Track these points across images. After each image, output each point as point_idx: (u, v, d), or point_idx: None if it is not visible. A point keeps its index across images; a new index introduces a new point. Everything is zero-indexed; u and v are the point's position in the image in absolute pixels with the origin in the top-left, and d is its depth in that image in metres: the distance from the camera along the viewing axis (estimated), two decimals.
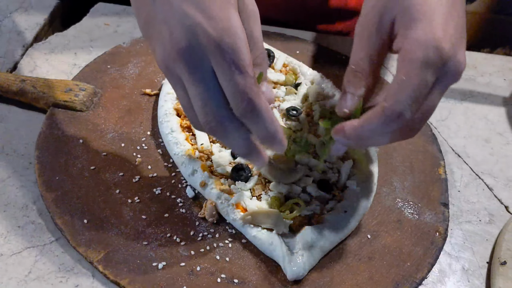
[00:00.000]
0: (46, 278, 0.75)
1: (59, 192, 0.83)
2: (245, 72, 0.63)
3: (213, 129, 0.67)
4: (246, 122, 0.67)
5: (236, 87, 0.63)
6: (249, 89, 0.63)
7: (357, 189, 0.87)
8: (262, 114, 0.65)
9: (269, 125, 0.67)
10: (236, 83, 0.63)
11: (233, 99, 0.64)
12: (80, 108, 0.97)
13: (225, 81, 0.63)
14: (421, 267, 0.80)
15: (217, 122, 0.66)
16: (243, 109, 0.64)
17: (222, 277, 0.76)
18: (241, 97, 0.64)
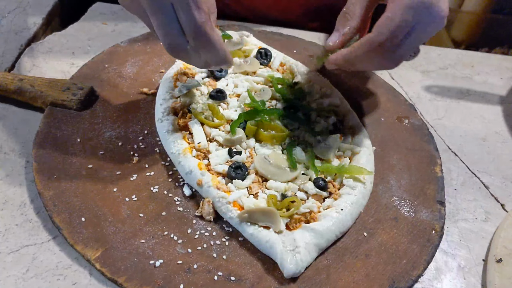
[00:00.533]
0: (44, 276, 0.75)
1: (57, 191, 0.83)
2: (201, 8, 0.74)
3: (174, 52, 0.78)
4: (202, 52, 0.78)
5: (193, 21, 0.74)
6: (204, 24, 0.74)
7: (354, 187, 0.87)
8: (216, 46, 0.78)
9: (220, 52, 0.79)
10: (193, 17, 0.73)
11: (190, 32, 0.75)
12: (77, 107, 0.97)
13: (184, 15, 0.73)
14: (417, 265, 0.80)
15: (178, 47, 0.77)
16: (200, 42, 0.76)
17: (219, 274, 0.76)
18: (196, 31, 0.75)
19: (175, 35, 0.76)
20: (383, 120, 1.05)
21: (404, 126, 1.05)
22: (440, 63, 1.27)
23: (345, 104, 1.03)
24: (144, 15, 0.78)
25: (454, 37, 2.32)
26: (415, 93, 1.17)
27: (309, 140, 0.94)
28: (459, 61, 1.29)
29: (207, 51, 0.79)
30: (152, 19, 0.76)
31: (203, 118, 0.94)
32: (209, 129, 0.93)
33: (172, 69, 1.05)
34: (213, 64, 0.83)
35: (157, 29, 0.76)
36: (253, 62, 1.07)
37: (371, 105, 1.08)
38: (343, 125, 0.99)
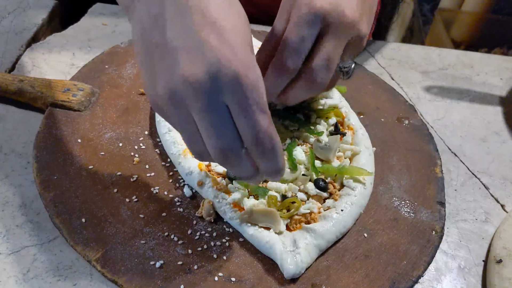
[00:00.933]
0: (44, 276, 0.75)
1: (57, 191, 0.84)
2: (266, 112, 0.62)
3: (226, 160, 0.65)
4: (262, 160, 0.66)
5: (257, 125, 0.62)
6: (271, 127, 0.63)
7: (354, 188, 0.87)
8: (278, 153, 0.65)
9: (281, 162, 0.66)
10: (258, 123, 0.61)
11: (253, 139, 0.63)
12: (78, 108, 0.97)
13: (245, 119, 0.61)
14: (417, 265, 0.81)
15: (231, 154, 0.64)
16: (265, 149, 0.64)
17: (219, 275, 0.76)
18: (263, 136, 0.62)
19: (230, 138, 0.63)
20: (383, 120, 1.06)
21: (404, 126, 1.05)
22: (440, 64, 1.27)
23: (345, 105, 1.03)
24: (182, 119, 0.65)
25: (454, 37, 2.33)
26: (415, 93, 1.17)
27: (309, 141, 0.94)
28: (459, 61, 1.29)
29: (266, 160, 0.66)
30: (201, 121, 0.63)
31: None
32: None
33: None
34: (267, 173, 0.70)
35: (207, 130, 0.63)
36: None
37: (371, 105, 1.08)
38: (343, 126, 0.99)
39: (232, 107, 0.61)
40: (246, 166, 0.67)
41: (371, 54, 1.27)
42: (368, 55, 1.27)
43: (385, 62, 1.25)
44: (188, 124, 0.64)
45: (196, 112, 0.62)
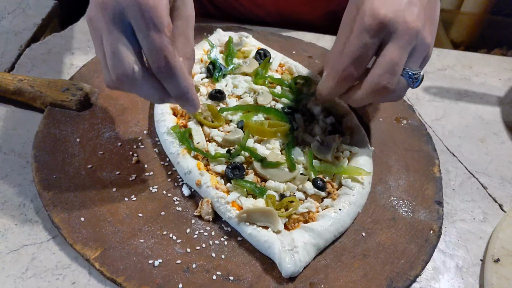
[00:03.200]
0: (43, 275, 0.76)
1: (56, 191, 0.84)
2: (162, 30, 0.69)
3: (123, 78, 0.71)
4: (161, 78, 0.72)
5: (153, 43, 0.69)
6: (165, 47, 0.69)
7: (352, 187, 0.87)
8: (176, 72, 0.72)
9: (182, 83, 0.73)
10: (152, 40, 0.69)
11: (150, 56, 0.70)
12: (77, 107, 0.97)
13: (143, 37, 0.69)
14: (415, 265, 0.81)
15: (129, 71, 0.71)
16: (158, 66, 0.71)
17: (217, 274, 0.76)
18: (157, 54, 0.70)
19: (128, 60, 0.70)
20: (381, 120, 1.06)
21: (403, 126, 1.05)
22: (439, 64, 1.28)
23: (344, 105, 1.04)
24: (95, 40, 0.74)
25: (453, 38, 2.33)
26: (413, 93, 1.17)
27: (308, 141, 0.94)
28: (457, 62, 1.29)
29: (166, 79, 0.73)
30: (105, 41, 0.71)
31: (202, 118, 0.94)
32: (208, 130, 0.93)
33: None
34: (175, 98, 0.76)
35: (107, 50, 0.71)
36: (252, 63, 1.07)
37: (370, 105, 1.09)
38: (341, 125, 0.99)
39: (134, 26, 0.69)
40: (149, 89, 0.73)
41: None
42: None
43: None
44: (99, 47, 0.73)
45: (104, 32, 0.70)
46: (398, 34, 0.79)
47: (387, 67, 0.80)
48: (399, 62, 0.81)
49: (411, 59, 0.83)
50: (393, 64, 0.80)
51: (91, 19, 0.73)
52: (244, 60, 1.09)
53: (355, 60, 0.81)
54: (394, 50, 0.80)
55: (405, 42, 0.80)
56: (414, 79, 0.83)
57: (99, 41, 0.73)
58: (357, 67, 0.82)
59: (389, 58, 0.80)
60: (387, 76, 0.80)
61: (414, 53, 0.82)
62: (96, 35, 0.73)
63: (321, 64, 1.17)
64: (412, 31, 0.80)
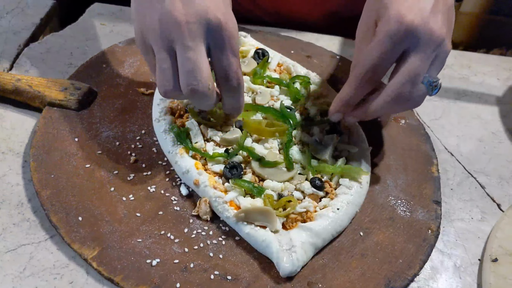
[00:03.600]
0: (41, 275, 0.76)
1: (54, 190, 0.84)
2: (238, 56, 0.80)
3: (196, 93, 0.77)
4: (228, 95, 0.83)
5: (231, 66, 0.79)
6: (240, 71, 0.81)
7: (350, 187, 0.87)
8: (241, 92, 0.83)
9: (242, 100, 0.85)
10: (231, 62, 0.79)
11: (225, 75, 0.80)
12: (75, 107, 0.97)
13: (222, 58, 0.78)
14: (413, 264, 0.81)
15: (204, 88, 0.77)
16: (231, 85, 0.81)
17: (215, 273, 0.76)
18: (233, 75, 0.80)
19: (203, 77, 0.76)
20: (379, 120, 1.06)
21: (401, 126, 1.05)
22: None
23: None
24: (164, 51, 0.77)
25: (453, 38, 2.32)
26: None
27: (306, 140, 0.94)
28: (456, 61, 1.29)
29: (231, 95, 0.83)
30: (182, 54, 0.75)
31: (200, 118, 0.94)
32: (206, 129, 0.93)
33: None
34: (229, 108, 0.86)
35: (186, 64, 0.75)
36: (250, 62, 1.07)
37: None
38: (339, 125, 0.99)
39: (213, 47, 0.78)
40: (209, 102, 0.82)
41: None
42: None
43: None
44: (169, 58, 0.77)
45: (180, 45, 0.75)
46: (423, 42, 0.78)
47: (409, 76, 0.79)
48: (422, 72, 0.80)
49: (432, 67, 0.82)
50: (415, 74, 0.79)
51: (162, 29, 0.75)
52: (242, 60, 1.08)
53: (376, 65, 0.80)
54: (418, 60, 0.79)
55: (429, 51, 0.79)
56: (434, 87, 0.82)
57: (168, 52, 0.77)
58: (378, 73, 0.81)
59: (412, 68, 0.79)
60: (409, 85, 0.80)
61: (435, 61, 0.81)
62: (163, 46, 0.77)
63: (320, 63, 1.17)
64: (437, 40, 0.79)
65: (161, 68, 0.78)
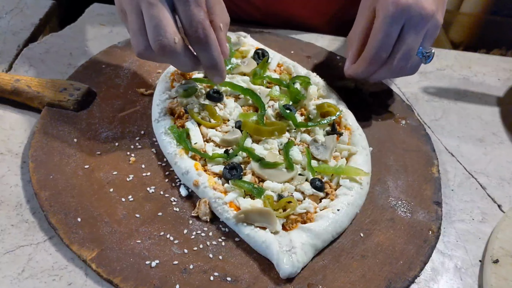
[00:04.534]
0: (40, 276, 0.75)
1: (53, 191, 0.83)
2: (201, 5, 0.79)
3: (164, 49, 0.79)
4: (196, 48, 0.83)
5: (193, 16, 0.79)
6: (204, 21, 0.80)
7: (350, 187, 0.87)
8: (211, 43, 0.82)
9: (215, 54, 0.83)
10: (193, 13, 0.79)
11: (189, 27, 0.80)
12: (74, 107, 0.97)
13: (184, 10, 0.79)
14: (414, 265, 0.80)
15: (170, 42, 0.79)
16: (197, 36, 0.80)
17: (215, 275, 0.76)
18: (196, 25, 0.79)
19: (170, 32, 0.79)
20: (380, 120, 1.06)
21: (401, 126, 1.05)
22: (438, 64, 1.27)
23: (342, 105, 1.03)
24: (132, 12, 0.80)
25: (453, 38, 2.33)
26: (412, 94, 1.17)
27: (306, 141, 0.94)
28: (456, 62, 1.29)
29: (202, 49, 0.82)
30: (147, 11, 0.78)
31: (199, 118, 0.94)
32: (206, 130, 0.92)
33: (169, 70, 1.05)
34: (206, 67, 0.85)
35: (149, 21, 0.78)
36: (250, 62, 1.07)
37: (368, 105, 1.08)
38: (340, 125, 0.99)
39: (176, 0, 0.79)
40: (184, 59, 0.82)
41: None
42: None
43: None
44: (138, 18, 0.79)
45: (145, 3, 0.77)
46: (416, 19, 0.92)
47: (405, 52, 0.94)
48: (415, 46, 0.95)
49: (424, 40, 0.96)
50: (409, 49, 0.94)
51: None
52: (242, 60, 1.08)
53: (384, 45, 0.93)
54: (411, 36, 0.93)
55: (421, 26, 0.93)
56: (427, 57, 0.97)
57: (136, 12, 0.79)
58: (386, 50, 0.94)
59: (406, 45, 0.93)
60: (405, 59, 0.95)
61: (427, 34, 0.95)
62: (132, 8, 0.80)
63: (320, 64, 1.17)
64: (428, 16, 0.92)
65: (132, 30, 0.82)
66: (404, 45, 0.94)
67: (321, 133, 0.96)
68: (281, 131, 0.92)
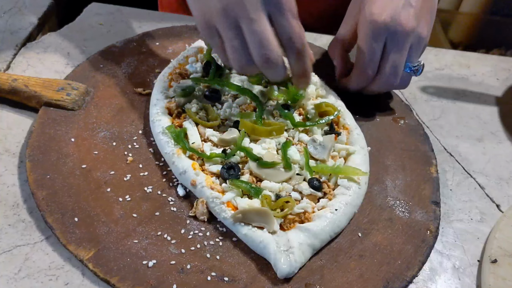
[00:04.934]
0: (36, 276, 0.75)
1: (50, 191, 0.83)
2: (296, 18, 0.81)
3: (270, 62, 0.81)
4: (295, 59, 0.84)
5: (292, 29, 0.81)
6: (300, 32, 0.82)
7: (348, 187, 0.87)
8: (306, 55, 0.85)
9: (308, 63, 0.86)
10: (293, 26, 0.81)
11: (289, 40, 0.81)
12: (72, 107, 0.97)
13: (282, 23, 0.80)
14: (412, 265, 0.80)
15: (275, 55, 0.80)
16: (296, 48, 0.82)
17: (212, 275, 0.76)
18: (295, 38, 0.81)
19: (274, 46, 0.80)
20: (378, 120, 1.05)
21: (400, 126, 1.05)
22: (436, 64, 1.27)
23: (341, 105, 1.03)
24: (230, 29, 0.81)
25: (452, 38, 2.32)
26: (411, 93, 1.17)
27: (304, 141, 0.94)
28: (455, 61, 1.29)
29: (297, 57, 0.84)
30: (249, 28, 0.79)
31: (197, 118, 0.93)
32: (204, 129, 0.92)
33: (167, 70, 1.05)
34: (297, 74, 0.88)
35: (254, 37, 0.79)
36: None
37: (367, 105, 1.08)
38: (338, 125, 0.99)
39: (273, 13, 0.80)
40: (282, 70, 0.84)
41: None
42: None
43: None
44: (237, 35, 0.80)
45: (245, 19, 0.79)
46: (396, 36, 0.94)
47: (391, 71, 0.97)
48: (401, 63, 0.97)
49: (410, 54, 0.97)
50: (395, 67, 0.97)
51: (226, 9, 0.79)
52: None
53: (369, 63, 0.97)
54: (395, 54, 0.95)
55: (403, 43, 0.95)
56: (415, 70, 0.99)
57: (235, 29, 0.80)
58: (372, 68, 0.98)
59: (391, 63, 0.96)
60: (393, 77, 0.98)
61: (412, 48, 0.97)
62: (229, 25, 0.80)
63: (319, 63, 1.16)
64: (408, 32, 0.94)
65: (232, 46, 0.82)
66: (388, 62, 0.96)
67: (319, 133, 0.96)
68: (279, 130, 0.92)
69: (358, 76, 1.01)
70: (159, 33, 1.19)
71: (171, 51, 1.15)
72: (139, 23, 1.26)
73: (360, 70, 0.99)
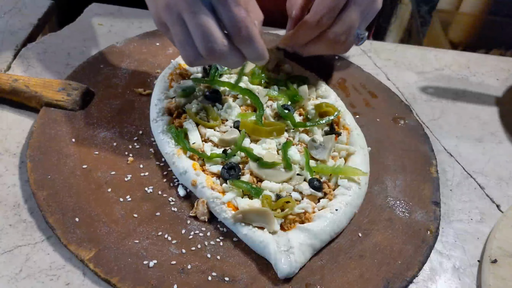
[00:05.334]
0: (37, 276, 0.75)
1: (51, 191, 0.83)
2: (240, 4, 0.79)
3: (215, 53, 0.80)
4: (242, 46, 0.82)
5: (235, 16, 0.79)
6: (245, 18, 0.79)
7: (348, 187, 0.87)
8: (255, 39, 0.81)
9: (260, 47, 0.83)
10: (235, 13, 0.78)
11: (232, 27, 0.79)
12: (72, 107, 0.97)
13: (225, 12, 0.79)
14: (412, 266, 0.80)
15: (220, 46, 0.79)
16: (240, 35, 0.80)
17: (213, 275, 0.76)
18: (239, 25, 0.79)
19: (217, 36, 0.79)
20: (378, 120, 1.05)
21: (400, 126, 1.05)
22: (436, 64, 1.27)
23: (341, 105, 1.03)
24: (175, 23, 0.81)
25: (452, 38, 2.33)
26: (411, 94, 1.17)
27: (304, 141, 0.94)
28: (455, 62, 1.29)
29: (247, 45, 0.82)
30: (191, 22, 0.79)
31: (198, 118, 0.93)
32: (204, 130, 0.92)
33: (168, 70, 1.05)
34: (251, 59, 0.86)
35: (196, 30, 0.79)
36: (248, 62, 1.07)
37: (367, 105, 1.08)
38: (338, 125, 0.99)
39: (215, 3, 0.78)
40: (233, 58, 0.83)
41: (367, 55, 1.27)
42: (364, 55, 1.26)
43: (381, 63, 1.24)
44: (182, 29, 0.80)
45: (187, 13, 0.78)
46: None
47: (346, 28, 0.95)
48: (355, 24, 0.96)
49: (362, 22, 0.98)
50: (351, 26, 0.96)
51: (169, 5, 0.79)
52: None
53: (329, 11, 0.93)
54: (354, 14, 0.94)
55: (364, 8, 0.95)
56: (360, 39, 0.98)
57: (179, 24, 0.80)
58: (329, 17, 0.94)
59: (349, 21, 0.95)
60: (344, 35, 0.96)
61: (366, 17, 0.97)
62: (174, 20, 0.80)
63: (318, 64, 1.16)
64: None
65: (178, 41, 0.82)
66: (347, 18, 0.94)
67: (319, 133, 0.96)
68: (280, 131, 0.92)
69: (308, 26, 0.96)
70: (160, 33, 1.19)
71: (172, 52, 1.15)
72: (139, 23, 1.26)
73: (317, 17, 0.94)
